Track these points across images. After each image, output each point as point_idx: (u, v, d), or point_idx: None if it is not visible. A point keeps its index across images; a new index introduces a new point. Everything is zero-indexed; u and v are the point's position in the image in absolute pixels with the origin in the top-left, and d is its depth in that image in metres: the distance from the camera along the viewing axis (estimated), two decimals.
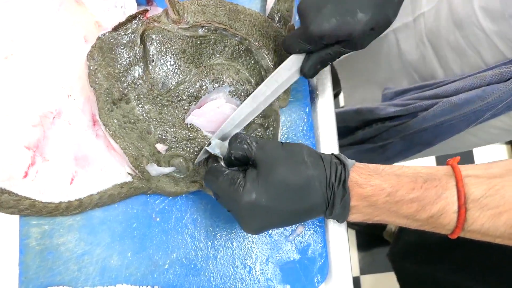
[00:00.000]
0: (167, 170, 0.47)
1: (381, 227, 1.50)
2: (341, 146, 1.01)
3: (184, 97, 0.47)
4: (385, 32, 0.79)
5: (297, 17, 0.61)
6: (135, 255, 0.50)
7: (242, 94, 0.48)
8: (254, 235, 0.53)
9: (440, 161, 1.71)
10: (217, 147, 0.46)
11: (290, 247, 0.54)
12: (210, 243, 0.52)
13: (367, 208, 0.43)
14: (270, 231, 0.54)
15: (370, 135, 0.84)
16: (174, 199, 0.52)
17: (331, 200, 0.42)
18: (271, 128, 0.50)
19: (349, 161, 0.44)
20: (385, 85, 0.81)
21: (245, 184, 0.41)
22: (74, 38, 0.47)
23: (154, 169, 0.47)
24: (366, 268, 1.54)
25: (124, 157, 0.47)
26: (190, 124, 0.47)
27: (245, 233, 0.53)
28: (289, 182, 0.41)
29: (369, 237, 1.55)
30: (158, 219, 0.51)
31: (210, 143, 0.47)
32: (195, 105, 0.47)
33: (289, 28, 0.54)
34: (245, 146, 0.43)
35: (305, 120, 0.56)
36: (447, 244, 0.93)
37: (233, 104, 0.48)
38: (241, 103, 0.48)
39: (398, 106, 0.73)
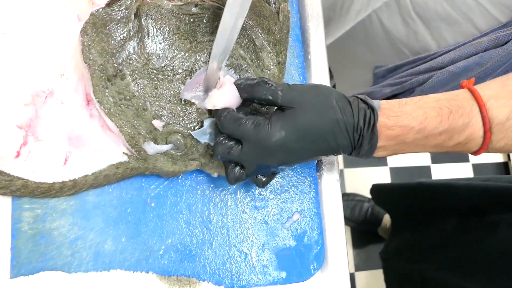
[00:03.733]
0: (164, 147, 0.46)
1: (376, 224, 1.50)
2: None
3: (180, 71, 0.46)
4: (367, 13, 0.78)
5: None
6: (130, 240, 0.49)
7: (237, 68, 0.48)
8: (250, 222, 0.52)
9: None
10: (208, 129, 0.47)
11: (286, 234, 0.53)
12: (205, 229, 0.51)
13: (395, 145, 0.45)
14: (266, 217, 0.53)
15: None
16: (170, 184, 0.51)
17: (359, 142, 0.44)
18: None
19: (375, 103, 0.44)
20: (375, 65, 0.80)
21: (272, 124, 0.42)
22: (68, 16, 0.47)
23: (151, 147, 0.46)
24: (361, 264, 1.54)
25: (120, 136, 0.46)
26: (185, 99, 0.46)
27: (241, 219, 0.52)
28: (318, 125, 0.42)
29: (364, 234, 1.55)
30: (153, 204, 0.50)
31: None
32: (190, 79, 0.46)
33: (281, 8, 0.54)
34: (274, 88, 0.44)
35: None
36: (438, 243, 0.93)
37: (229, 75, 0.48)
38: (237, 76, 0.48)
39: (393, 86, 0.72)
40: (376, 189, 1.25)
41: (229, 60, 0.49)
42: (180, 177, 0.51)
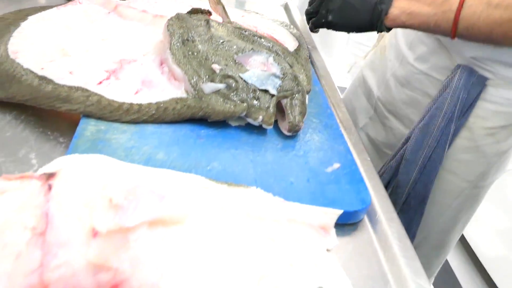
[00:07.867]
0: (219, 85, 0.56)
1: None
2: None
3: (234, 47, 0.62)
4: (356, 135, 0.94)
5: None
6: (180, 156, 0.51)
7: (279, 62, 0.63)
8: (292, 165, 0.54)
9: None
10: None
11: (329, 176, 0.54)
12: (251, 165, 0.53)
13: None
14: (308, 161, 0.55)
15: None
16: (218, 130, 0.57)
17: None
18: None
19: None
20: None
21: None
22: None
23: (208, 86, 0.56)
24: None
25: (184, 79, 0.57)
26: (238, 61, 0.60)
27: (284, 161, 0.54)
28: None
29: None
30: (203, 140, 0.54)
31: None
32: (241, 54, 0.61)
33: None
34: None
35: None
36: None
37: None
38: (279, 65, 0.62)
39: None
40: None
41: (272, 56, 0.64)
42: (227, 128, 0.57)
